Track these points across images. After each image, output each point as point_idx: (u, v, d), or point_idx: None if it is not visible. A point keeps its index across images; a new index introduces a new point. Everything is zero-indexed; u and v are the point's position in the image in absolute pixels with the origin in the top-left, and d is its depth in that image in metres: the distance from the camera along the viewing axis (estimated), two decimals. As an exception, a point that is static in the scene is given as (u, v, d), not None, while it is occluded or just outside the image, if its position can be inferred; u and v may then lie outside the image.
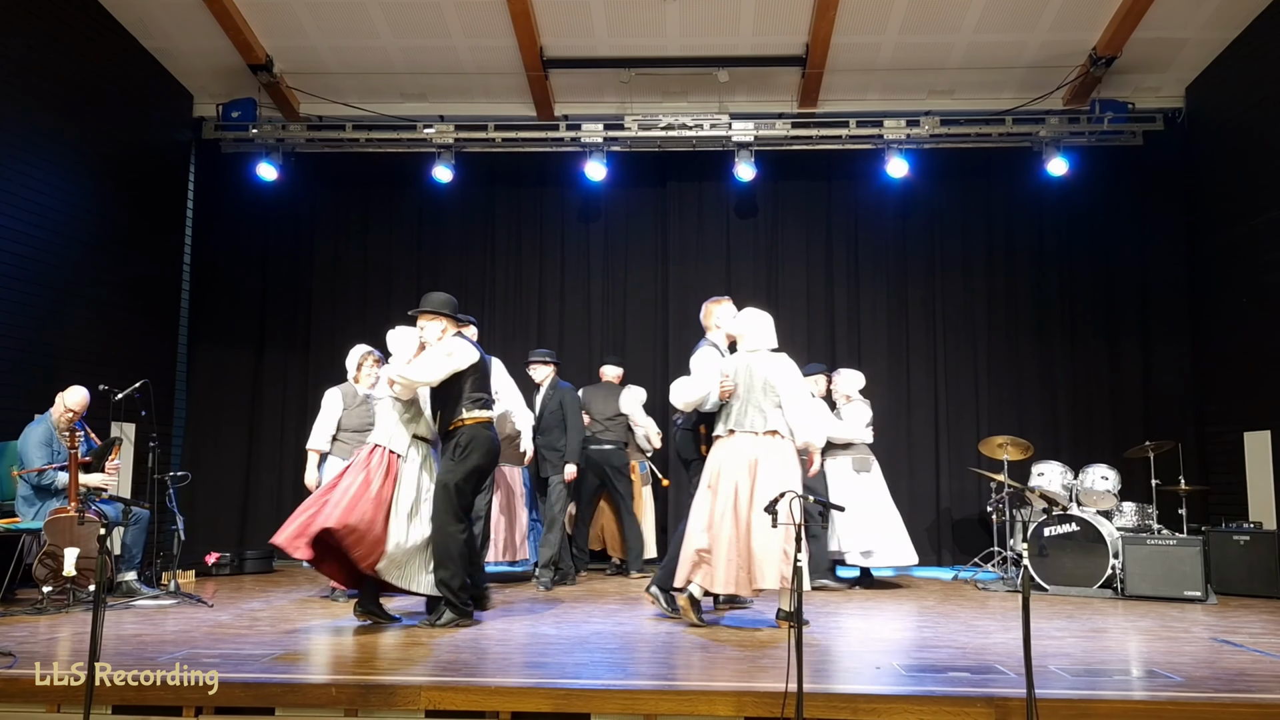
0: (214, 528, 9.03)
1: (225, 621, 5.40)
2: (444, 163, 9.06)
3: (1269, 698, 3.71)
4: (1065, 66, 8.67)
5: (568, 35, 8.46)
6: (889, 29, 8.26)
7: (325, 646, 4.68)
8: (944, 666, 4.22)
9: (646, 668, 4.17)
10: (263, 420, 9.46)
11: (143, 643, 4.63)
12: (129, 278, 8.50)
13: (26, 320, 7.28)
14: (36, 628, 5.09)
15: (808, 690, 3.41)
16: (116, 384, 6.59)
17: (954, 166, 9.31)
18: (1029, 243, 9.33)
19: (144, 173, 8.71)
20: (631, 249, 9.53)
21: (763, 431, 5.23)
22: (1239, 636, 5.17)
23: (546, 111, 9.21)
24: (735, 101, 9.21)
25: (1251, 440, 7.89)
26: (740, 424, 5.28)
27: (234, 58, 8.63)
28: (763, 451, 5.19)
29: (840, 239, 9.45)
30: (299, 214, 9.69)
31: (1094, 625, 5.55)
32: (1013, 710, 3.50)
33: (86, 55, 7.92)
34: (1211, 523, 7.77)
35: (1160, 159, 9.04)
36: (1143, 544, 6.80)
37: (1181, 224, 9.06)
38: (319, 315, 9.48)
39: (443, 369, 5.24)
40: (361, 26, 8.33)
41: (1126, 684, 4.02)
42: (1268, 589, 6.82)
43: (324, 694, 3.71)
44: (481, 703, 3.69)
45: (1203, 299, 8.80)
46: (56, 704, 3.72)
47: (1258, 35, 7.99)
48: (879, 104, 9.16)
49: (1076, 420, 9.04)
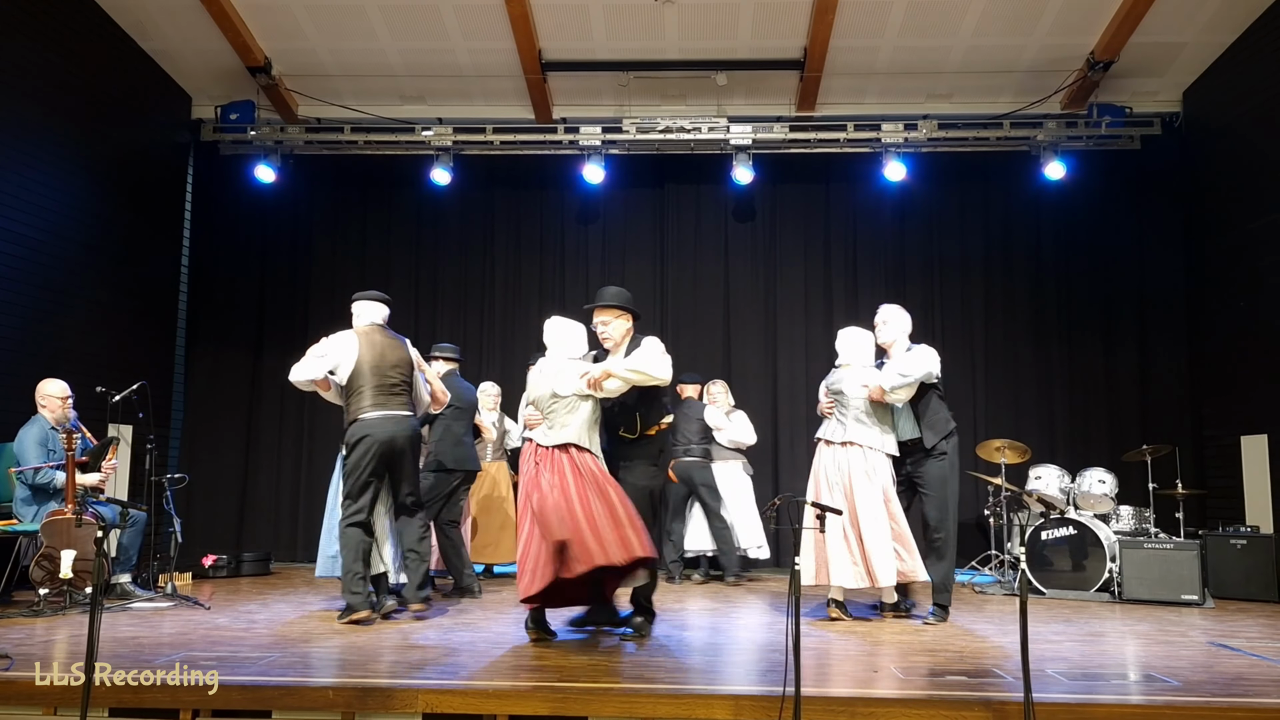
0: (211, 530, 9.03)
1: (222, 624, 5.40)
2: (442, 165, 9.06)
3: (1266, 702, 3.71)
4: (1063, 70, 8.69)
5: (566, 38, 8.46)
6: (887, 32, 8.27)
7: (322, 649, 4.68)
8: (941, 670, 4.22)
9: (643, 670, 4.17)
10: (260, 422, 9.45)
11: (139, 645, 4.62)
12: (127, 279, 8.49)
13: (24, 321, 7.27)
14: (33, 630, 5.08)
15: (805, 694, 3.41)
16: (114, 385, 6.58)
17: (952, 170, 9.32)
18: (1026, 246, 9.34)
19: (142, 174, 8.70)
20: (629, 251, 9.53)
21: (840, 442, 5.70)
22: (1236, 640, 5.18)
23: (545, 114, 9.22)
24: (733, 104, 9.22)
25: (1249, 444, 7.89)
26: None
27: (232, 60, 8.64)
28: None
29: (838, 242, 9.46)
30: (297, 216, 9.69)
31: (1091, 629, 5.55)
32: (1010, 714, 3.50)
33: (85, 57, 7.92)
34: (1209, 526, 7.78)
35: (1158, 163, 9.05)
36: (1140, 548, 6.81)
37: (1179, 228, 9.08)
38: (317, 317, 9.42)
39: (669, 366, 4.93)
40: (360, 29, 8.33)
41: (1124, 688, 4.02)
42: (1265, 593, 6.83)
43: (321, 697, 3.71)
44: (479, 705, 3.69)
45: (1200, 303, 8.81)
46: (53, 706, 3.71)
47: (1255, 40, 8.01)
48: (877, 107, 9.18)
49: (1074, 424, 9.05)
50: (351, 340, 5.60)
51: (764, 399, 9.18)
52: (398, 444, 5.50)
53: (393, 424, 5.50)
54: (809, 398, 9.18)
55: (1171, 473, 7.61)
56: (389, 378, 5.54)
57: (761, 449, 9.15)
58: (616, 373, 4.84)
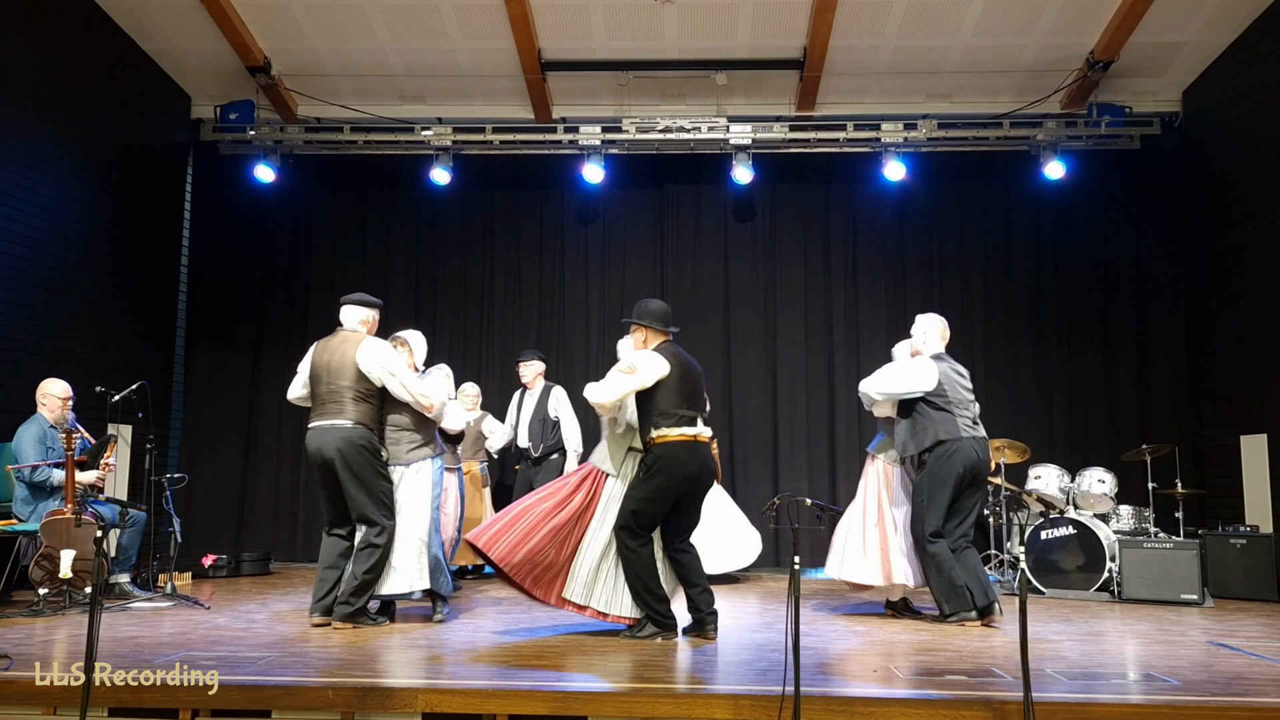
0: (211, 530, 9.02)
1: (222, 624, 5.39)
2: (442, 165, 9.06)
3: (1265, 701, 3.71)
4: (1063, 70, 8.69)
5: (566, 38, 8.46)
6: (887, 32, 8.27)
7: (322, 649, 4.67)
8: (941, 670, 4.22)
9: (644, 670, 4.17)
10: (260, 422, 9.44)
11: (139, 645, 4.62)
12: (126, 279, 8.49)
13: (23, 321, 7.27)
14: (32, 630, 5.08)
15: (805, 693, 3.40)
16: (114, 385, 6.58)
17: (951, 170, 9.32)
18: (1026, 245, 9.34)
19: (142, 174, 8.70)
20: (629, 251, 9.53)
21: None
22: (1235, 640, 5.18)
23: (544, 114, 9.22)
24: (733, 104, 9.21)
25: (1248, 443, 7.90)
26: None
27: (232, 59, 8.63)
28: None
29: (838, 242, 9.45)
30: (297, 216, 9.68)
31: (1091, 628, 5.55)
32: (1010, 714, 3.50)
33: (84, 57, 7.91)
34: (1208, 526, 7.78)
35: (1157, 163, 9.05)
36: (1139, 547, 6.81)
37: (1178, 227, 9.07)
38: (316, 317, 9.43)
39: (622, 387, 4.90)
40: (360, 28, 8.33)
41: (1123, 687, 4.02)
42: (1264, 592, 6.83)
43: (321, 697, 3.70)
44: (479, 705, 3.68)
45: (1200, 302, 8.81)
46: (53, 706, 3.71)
47: (1255, 39, 8.01)
48: (877, 107, 9.17)
49: (1073, 423, 9.04)
50: (312, 349, 5.53)
51: (764, 399, 9.18)
52: (325, 454, 5.23)
53: (319, 434, 5.29)
54: (808, 398, 9.23)
55: (1171, 472, 7.61)
56: (331, 385, 5.33)
57: (761, 449, 9.16)
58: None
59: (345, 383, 5.33)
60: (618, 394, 4.88)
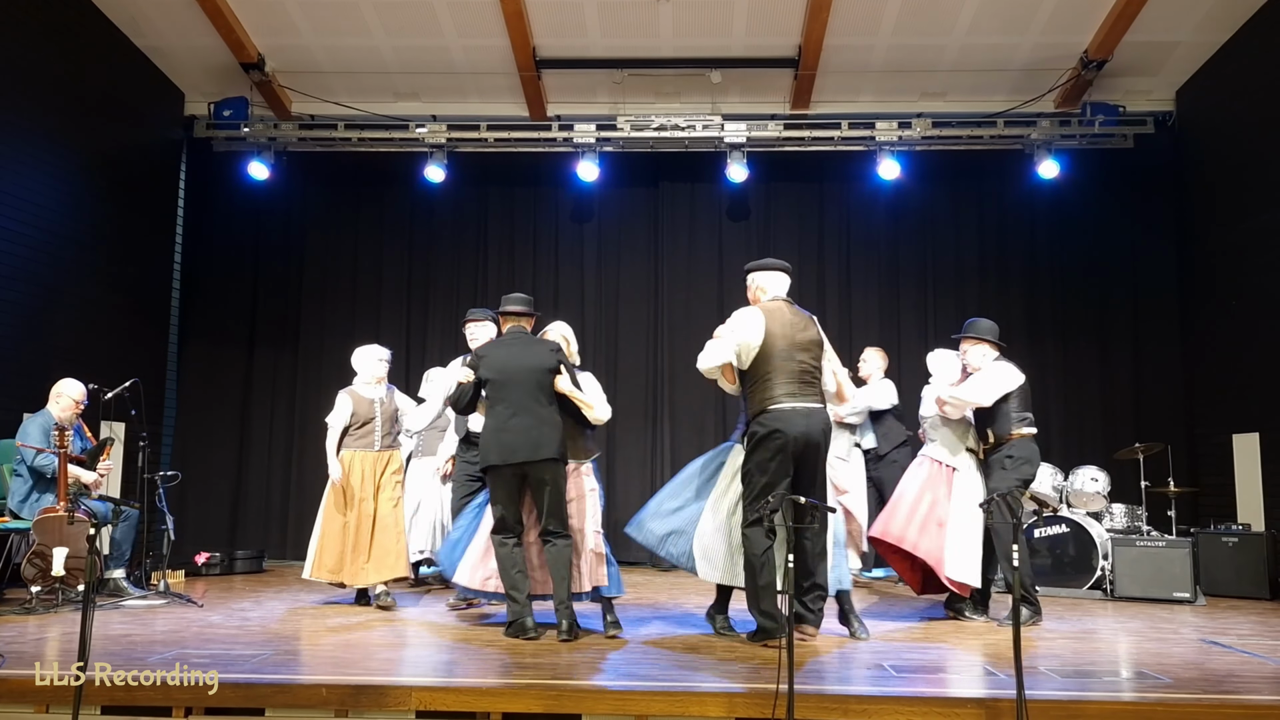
0: (204, 527, 9.01)
1: (215, 622, 5.39)
2: (436, 162, 9.04)
3: (1257, 699, 3.73)
4: (1057, 69, 8.70)
5: (560, 35, 8.45)
6: (881, 31, 8.28)
7: (316, 647, 4.67)
8: (934, 667, 4.23)
9: (637, 668, 4.17)
10: (253, 419, 9.42)
11: (132, 643, 4.61)
12: (120, 276, 8.45)
13: (15, 319, 7.23)
14: (25, 628, 5.07)
15: (798, 691, 3.41)
16: (107, 382, 6.56)
17: (946, 168, 9.33)
18: (1020, 245, 9.36)
19: (135, 171, 8.67)
20: (624, 249, 9.53)
21: None
22: (1227, 638, 5.20)
23: (539, 111, 9.20)
24: (728, 103, 9.21)
25: (1240, 442, 7.92)
26: None
27: (226, 56, 8.61)
28: None
29: (832, 240, 9.47)
30: (290, 213, 9.66)
31: (1083, 626, 5.57)
32: (1003, 711, 3.51)
33: (78, 53, 7.88)
34: (1200, 524, 7.79)
35: (1151, 162, 9.07)
36: (1132, 545, 6.83)
37: (1172, 227, 9.10)
38: (310, 315, 9.45)
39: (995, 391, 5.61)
40: (354, 25, 8.31)
41: (1116, 685, 4.04)
42: (1256, 590, 6.85)
43: (314, 694, 3.70)
44: (472, 703, 3.68)
45: (1192, 302, 8.84)
46: (45, 704, 3.70)
47: (1248, 39, 8.02)
48: (871, 106, 9.18)
49: (1067, 422, 9.06)
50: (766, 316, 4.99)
51: (758, 397, 9.17)
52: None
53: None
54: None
55: (1164, 471, 7.62)
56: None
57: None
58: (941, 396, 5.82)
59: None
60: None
